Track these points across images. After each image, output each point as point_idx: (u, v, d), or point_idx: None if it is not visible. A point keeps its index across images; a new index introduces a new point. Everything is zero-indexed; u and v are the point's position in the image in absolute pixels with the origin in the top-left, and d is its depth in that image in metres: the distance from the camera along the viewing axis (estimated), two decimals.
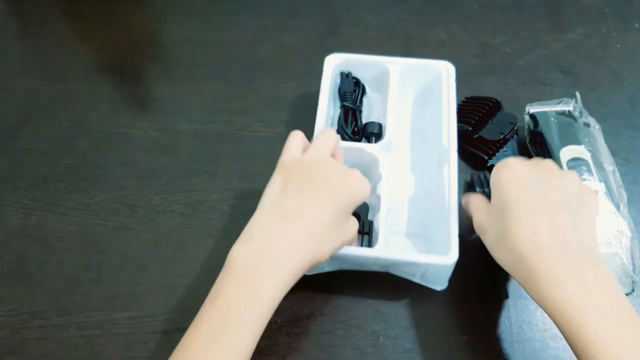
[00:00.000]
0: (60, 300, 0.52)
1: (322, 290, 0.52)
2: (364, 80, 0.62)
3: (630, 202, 0.54)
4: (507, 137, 0.58)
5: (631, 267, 0.49)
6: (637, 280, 0.49)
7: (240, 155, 0.62)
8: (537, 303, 0.39)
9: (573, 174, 0.45)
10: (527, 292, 0.40)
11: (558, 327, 0.38)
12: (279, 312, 0.47)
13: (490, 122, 0.59)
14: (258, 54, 0.71)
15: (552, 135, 0.57)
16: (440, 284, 0.51)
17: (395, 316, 0.51)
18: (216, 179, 0.60)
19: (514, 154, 0.59)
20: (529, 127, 0.59)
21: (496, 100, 0.61)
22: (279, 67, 0.69)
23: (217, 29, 0.73)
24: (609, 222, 0.51)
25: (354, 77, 0.61)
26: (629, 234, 0.51)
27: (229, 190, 0.59)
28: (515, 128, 0.59)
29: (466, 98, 0.62)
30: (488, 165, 0.58)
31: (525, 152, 0.59)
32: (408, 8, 0.75)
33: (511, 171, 0.43)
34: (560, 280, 0.38)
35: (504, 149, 0.59)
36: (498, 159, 0.58)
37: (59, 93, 0.67)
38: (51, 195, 0.59)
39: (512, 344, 0.49)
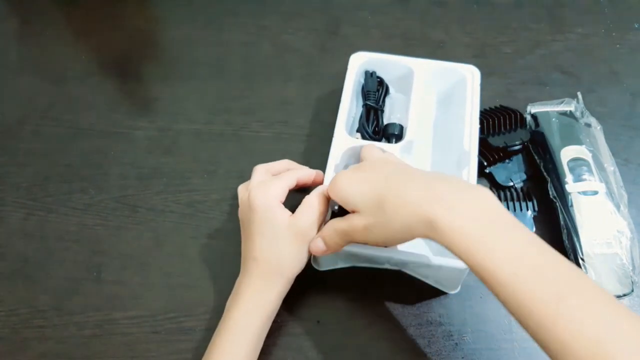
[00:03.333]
0: (61, 300, 0.52)
1: (322, 290, 0.52)
2: (387, 80, 0.61)
3: (630, 202, 0.54)
4: (508, 148, 0.57)
5: (631, 268, 0.49)
6: (636, 280, 0.49)
7: (240, 155, 0.62)
8: (448, 247, 0.39)
9: (372, 147, 0.51)
10: (440, 243, 0.40)
11: (461, 258, 0.38)
12: (279, 312, 0.48)
13: (503, 132, 0.58)
14: (258, 54, 0.71)
15: (553, 135, 0.57)
16: (452, 288, 0.52)
17: (396, 316, 0.51)
18: (216, 179, 0.60)
19: (519, 169, 0.58)
20: (530, 127, 0.59)
21: (520, 114, 0.59)
22: (279, 67, 0.69)
23: (217, 29, 0.73)
24: (608, 222, 0.51)
25: (378, 77, 0.61)
26: (628, 234, 0.51)
27: (229, 190, 0.59)
28: (521, 146, 0.57)
29: (501, 106, 0.61)
30: (486, 172, 0.58)
31: (529, 157, 0.59)
32: (408, 8, 0.75)
33: (351, 179, 0.45)
34: (447, 210, 0.39)
35: (508, 161, 0.58)
36: (498, 170, 0.58)
37: (59, 93, 0.67)
38: (51, 195, 0.59)
39: (512, 343, 0.49)
